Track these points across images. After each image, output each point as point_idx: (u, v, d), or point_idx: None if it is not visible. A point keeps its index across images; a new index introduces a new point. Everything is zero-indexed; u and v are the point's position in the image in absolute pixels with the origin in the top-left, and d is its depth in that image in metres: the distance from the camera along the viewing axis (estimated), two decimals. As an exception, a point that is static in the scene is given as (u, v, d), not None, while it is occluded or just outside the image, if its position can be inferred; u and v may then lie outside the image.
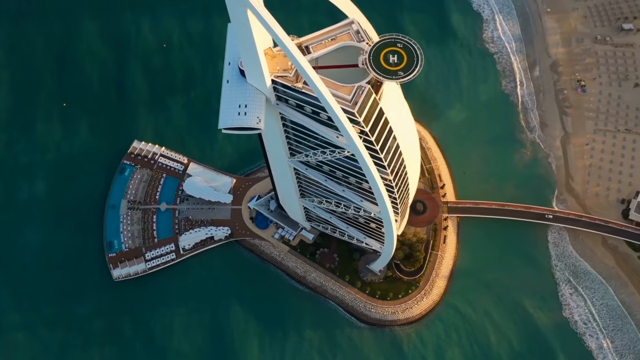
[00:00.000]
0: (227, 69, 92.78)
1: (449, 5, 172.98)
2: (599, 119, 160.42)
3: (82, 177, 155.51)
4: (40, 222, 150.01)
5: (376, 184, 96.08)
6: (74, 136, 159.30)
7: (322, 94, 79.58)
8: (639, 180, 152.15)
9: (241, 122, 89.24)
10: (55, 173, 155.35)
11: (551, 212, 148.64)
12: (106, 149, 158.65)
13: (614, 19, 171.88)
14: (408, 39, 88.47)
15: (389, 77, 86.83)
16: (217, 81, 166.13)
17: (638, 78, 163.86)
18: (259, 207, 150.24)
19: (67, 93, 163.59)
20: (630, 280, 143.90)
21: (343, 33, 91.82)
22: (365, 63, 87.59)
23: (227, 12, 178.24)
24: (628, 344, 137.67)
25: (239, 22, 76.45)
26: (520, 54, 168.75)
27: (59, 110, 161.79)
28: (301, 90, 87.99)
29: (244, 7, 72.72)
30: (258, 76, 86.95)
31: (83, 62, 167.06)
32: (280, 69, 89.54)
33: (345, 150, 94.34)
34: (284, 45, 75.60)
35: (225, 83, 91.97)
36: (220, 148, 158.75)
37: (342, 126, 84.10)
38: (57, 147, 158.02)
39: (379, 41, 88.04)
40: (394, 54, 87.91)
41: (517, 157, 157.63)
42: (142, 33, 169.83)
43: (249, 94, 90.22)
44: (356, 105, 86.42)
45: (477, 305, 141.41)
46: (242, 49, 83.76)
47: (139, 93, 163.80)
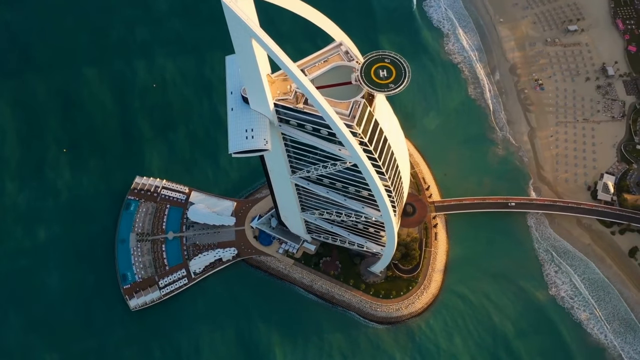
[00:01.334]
0: (230, 98, 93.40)
1: (413, 24, 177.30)
2: (559, 112, 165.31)
3: (90, 216, 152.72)
4: (56, 264, 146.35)
5: (378, 190, 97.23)
6: (79, 179, 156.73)
7: (326, 111, 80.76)
8: (602, 164, 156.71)
9: (250, 145, 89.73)
10: (64, 216, 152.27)
11: (515, 200, 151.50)
12: (110, 188, 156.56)
13: (560, 22, 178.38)
14: (394, 55, 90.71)
15: (381, 90, 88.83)
16: (211, 113, 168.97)
17: (588, 73, 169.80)
18: (261, 225, 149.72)
19: (69, 138, 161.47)
20: (607, 255, 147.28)
21: (333, 54, 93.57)
22: (358, 79, 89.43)
23: (216, 49, 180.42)
24: (612, 311, 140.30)
25: (243, 51, 77.25)
26: (481, 62, 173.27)
27: (62, 155, 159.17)
28: (302, 110, 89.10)
29: (248, 37, 73.58)
30: (262, 101, 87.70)
31: (82, 108, 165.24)
32: (280, 92, 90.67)
33: (347, 162, 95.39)
34: (289, 70, 76.67)
35: (230, 111, 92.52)
36: (219, 175, 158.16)
37: (346, 139, 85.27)
38: (64, 191, 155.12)
39: (369, 58, 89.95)
40: (383, 69, 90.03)
41: (491, 154, 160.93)
42: (136, 75, 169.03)
43: (254, 119, 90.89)
44: (354, 118, 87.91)
45: (475, 291, 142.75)
46: (246, 76, 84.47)
47: (137, 132, 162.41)
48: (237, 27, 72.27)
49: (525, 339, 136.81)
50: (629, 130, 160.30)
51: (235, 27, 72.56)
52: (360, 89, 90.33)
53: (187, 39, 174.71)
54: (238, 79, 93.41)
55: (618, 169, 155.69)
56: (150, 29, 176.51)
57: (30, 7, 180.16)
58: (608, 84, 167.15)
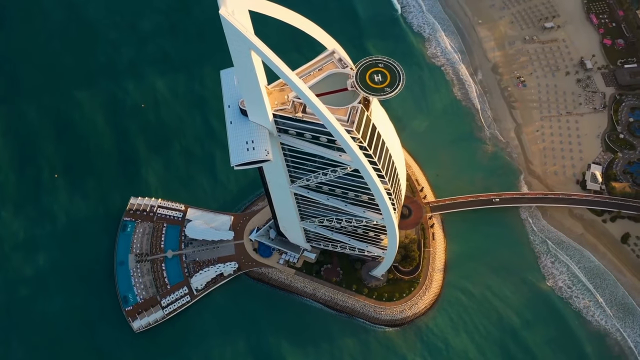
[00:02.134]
0: (228, 111, 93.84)
1: (395, 30, 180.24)
2: (543, 107, 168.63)
3: (87, 240, 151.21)
4: (56, 290, 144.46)
5: (380, 193, 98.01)
6: (74, 203, 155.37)
7: (327, 119, 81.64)
8: (588, 155, 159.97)
9: (252, 157, 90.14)
10: (61, 241, 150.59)
11: (507, 195, 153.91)
12: (106, 210, 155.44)
13: (536, 20, 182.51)
14: (387, 59, 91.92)
15: (377, 94, 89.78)
16: (203, 128, 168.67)
17: (567, 67, 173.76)
18: (260, 237, 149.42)
19: (61, 162, 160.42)
20: (600, 242, 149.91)
21: (327, 63, 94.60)
22: (354, 85, 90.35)
23: (204, 65, 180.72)
24: (611, 297, 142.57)
25: (242, 63, 77.82)
26: (464, 63, 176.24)
27: (55, 180, 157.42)
28: (302, 118, 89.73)
29: (247, 49, 74.18)
30: (261, 112, 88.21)
31: (73, 131, 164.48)
32: (278, 103, 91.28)
33: (347, 167, 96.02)
34: (289, 79, 77.39)
35: (229, 124, 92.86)
36: (214, 190, 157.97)
37: (347, 145, 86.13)
38: (60, 216, 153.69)
39: (363, 64, 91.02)
40: (377, 74, 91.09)
41: (481, 152, 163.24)
42: (125, 96, 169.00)
43: (254, 130, 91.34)
44: (353, 123, 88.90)
45: (476, 286, 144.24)
46: (244, 88, 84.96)
47: (129, 152, 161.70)
48: (236, 39, 72.89)
49: (530, 330, 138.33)
50: (611, 120, 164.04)
51: (234, 39, 73.17)
52: (356, 95, 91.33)
53: (175, 57, 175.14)
54: (235, 92, 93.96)
55: (604, 159, 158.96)
56: (136, 49, 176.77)
57: (16, 32, 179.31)
58: (587, 77, 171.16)
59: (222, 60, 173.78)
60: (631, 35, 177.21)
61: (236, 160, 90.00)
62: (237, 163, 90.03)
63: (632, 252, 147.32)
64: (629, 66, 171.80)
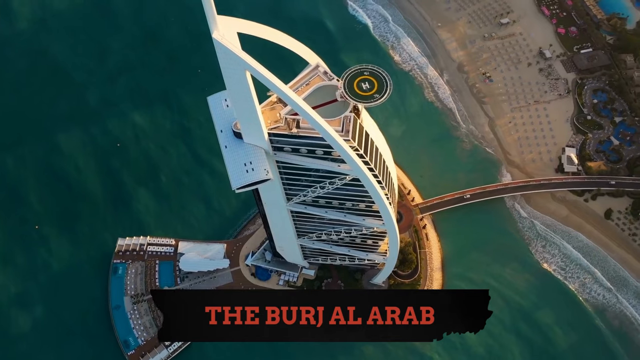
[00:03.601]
0: (221, 137, 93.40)
1: (362, 41, 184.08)
2: (511, 99, 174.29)
3: (78, 289, 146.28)
4: (52, 345, 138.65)
5: (380, 199, 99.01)
6: (59, 253, 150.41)
7: (327, 131, 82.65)
8: (561, 139, 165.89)
9: (252, 178, 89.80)
10: (51, 294, 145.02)
11: (490, 188, 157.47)
12: (93, 255, 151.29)
13: (492, 18, 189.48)
14: (372, 67, 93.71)
15: (367, 101, 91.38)
16: (185, 159, 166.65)
17: (528, 59, 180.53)
18: (256, 261, 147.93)
19: (41, 212, 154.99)
20: (585, 221, 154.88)
21: (314, 77, 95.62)
22: (343, 95, 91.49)
23: (180, 94, 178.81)
24: (604, 271, 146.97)
25: (237, 85, 77.97)
26: (430, 66, 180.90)
27: (36, 232, 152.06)
28: (297, 134, 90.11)
29: (243, 70, 74.38)
30: (257, 132, 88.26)
31: (49, 180, 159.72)
32: (271, 121, 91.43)
33: (346, 177, 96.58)
34: (286, 96, 78.08)
35: (225, 149, 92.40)
36: (203, 220, 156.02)
37: (347, 154, 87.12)
38: (46, 269, 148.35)
39: (349, 74, 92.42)
40: (364, 82, 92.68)
41: (460, 150, 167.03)
42: (98, 137, 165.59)
43: (250, 152, 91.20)
44: (348, 132, 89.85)
45: (475, 279, 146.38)
46: (239, 110, 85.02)
47: (111, 193, 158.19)
48: (230, 61, 73.13)
49: (537, 312, 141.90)
50: (577, 104, 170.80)
51: (228, 61, 73.39)
52: (347, 105, 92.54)
53: (148, 90, 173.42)
54: (226, 116, 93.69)
55: (576, 141, 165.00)
56: (106, 88, 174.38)
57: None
58: (548, 66, 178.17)
59: (198, 87, 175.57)
60: (582, 22, 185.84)
61: (237, 184, 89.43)
62: (238, 186, 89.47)
63: (617, 227, 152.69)
64: (584, 51, 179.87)
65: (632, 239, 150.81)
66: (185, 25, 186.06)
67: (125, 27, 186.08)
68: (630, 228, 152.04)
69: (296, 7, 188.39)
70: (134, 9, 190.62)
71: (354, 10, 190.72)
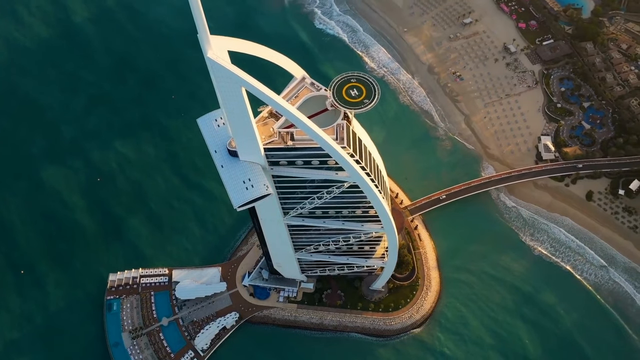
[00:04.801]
0: (216, 157, 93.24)
1: (334, 52, 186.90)
2: (483, 95, 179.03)
3: (73, 330, 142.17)
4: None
5: (379, 202, 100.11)
6: (48, 296, 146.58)
7: (325, 140, 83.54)
8: (535, 128, 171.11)
9: (253, 195, 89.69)
10: (45, 339, 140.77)
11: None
12: (85, 295, 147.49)
13: (455, 19, 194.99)
14: (358, 73, 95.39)
15: (357, 107, 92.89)
16: (170, 185, 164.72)
17: (494, 55, 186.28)
18: (254, 281, 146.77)
19: (26, 257, 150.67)
20: (568, 205, 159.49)
21: (302, 89, 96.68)
22: (334, 104, 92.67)
23: (159, 121, 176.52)
24: (593, 250, 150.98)
25: (232, 102, 78.18)
26: (402, 70, 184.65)
27: (22, 277, 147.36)
28: (293, 147, 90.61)
29: (239, 86, 74.67)
30: (253, 149, 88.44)
31: (32, 222, 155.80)
32: (265, 137, 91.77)
33: (345, 184, 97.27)
34: (284, 109, 78.75)
35: (221, 169, 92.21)
36: (195, 245, 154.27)
37: (345, 162, 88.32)
38: (38, 314, 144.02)
39: (336, 82, 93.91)
40: (352, 89, 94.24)
41: (440, 149, 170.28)
42: (81, 173, 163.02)
43: (247, 169, 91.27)
44: (343, 140, 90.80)
45: (471, 273, 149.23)
46: (235, 127, 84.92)
47: (97, 229, 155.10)
48: (226, 79, 73.42)
49: (536, 297, 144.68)
50: (546, 93, 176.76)
51: (224, 80, 73.65)
52: (337, 113, 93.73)
53: (124, 120, 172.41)
54: (218, 136, 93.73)
55: (550, 129, 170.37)
56: (80, 121, 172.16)
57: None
58: (514, 60, 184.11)
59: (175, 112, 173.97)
60: (540, 15, 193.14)
61: (238, 202, 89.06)
62: (239, 204, 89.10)
63: (599, 207, 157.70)
64: (546, 43, 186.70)
65: (614, 218, 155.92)
66: (155, 53, 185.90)
67: (95, 59, 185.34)
68: (611, 207, 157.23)
69: (267, 24, 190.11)
70: (102, 40, 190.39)
71: (321, 23, 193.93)
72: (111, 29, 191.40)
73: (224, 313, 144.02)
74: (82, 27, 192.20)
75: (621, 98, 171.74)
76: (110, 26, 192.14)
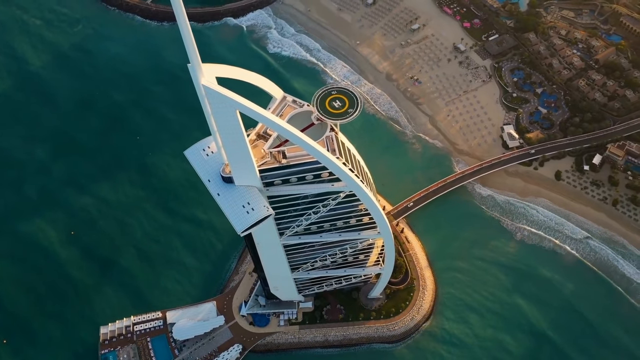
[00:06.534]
0: (210, 186, 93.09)
1: (294, 72, 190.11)
2: (443, 95, 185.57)
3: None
4: None
5: (375, 206, 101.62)
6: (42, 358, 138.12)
7: (323, 154, 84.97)
8: (496, 120, 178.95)
9: (255, 218, 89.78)
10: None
11: (450, 179, 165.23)
12: (76, 354, 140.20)
13: (403, 26, 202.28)
14: (337, 85, 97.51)
15: (343, 117, 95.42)
16: (152, 224, 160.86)
17: (446, 55, 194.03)
18: (251, 309, 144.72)
19: (9, 322, 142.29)
20: (541, 187, 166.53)
21: (285, 107, 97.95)
22: (319, 118, 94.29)
23: (128, 166, 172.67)
24: (572, 226, 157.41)
25: (228, 126, 78.48)
26: (362, 81, 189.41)
27: (5, 347, 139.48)
28: (286, 164, 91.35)
29: (234, 110, 75.11)
30: (249, 172, 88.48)
31: (9, 285, 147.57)
32: (257, 159, 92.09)
33: (341, 194, 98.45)
34: (281, 127, 79.51)
35: (218, 197, 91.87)
36: (185, 283, 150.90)
37: (342, 172, 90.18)
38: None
39: (318, 96, 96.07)
40: (335, 100, 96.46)
41: (411, 152, 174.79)
42: (53, 227, 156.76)
43: (244, 193, 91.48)
44: (335, 151, 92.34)
45: (463, 265, 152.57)
46: (231, 151, 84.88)
47: (81, 282, 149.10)
48: (221, 104, 73.87)
49: (529, 277, 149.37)
50: (500, 85, 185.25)
51: (219, 104, 74.11)
52: (324, 126, 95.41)
53: (89, 168, 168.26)
54: (209, 165, 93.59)
55: (510, 118, 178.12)
56: (44, 176, 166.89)
57: None
58: (466, 58, 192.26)
59: (141, 153, 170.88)
60: (482, 13, 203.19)
61: (241, 227, 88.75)
62: (243, 229, 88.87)
63: (569, 185, 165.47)
64: (492, 38, 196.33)
65: (584, 192, 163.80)
66: (117, 92, 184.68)
67: (56, 105, 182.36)
68: (580, 183, 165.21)
69: (228, 53, 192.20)
70: (60, 85, 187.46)
71: (278, 45, 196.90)
72: (68, 73, 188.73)
73: (226, 347, 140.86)
74: (39, 75, 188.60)
75: (570, 80, 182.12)
76: (67, 71, 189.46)
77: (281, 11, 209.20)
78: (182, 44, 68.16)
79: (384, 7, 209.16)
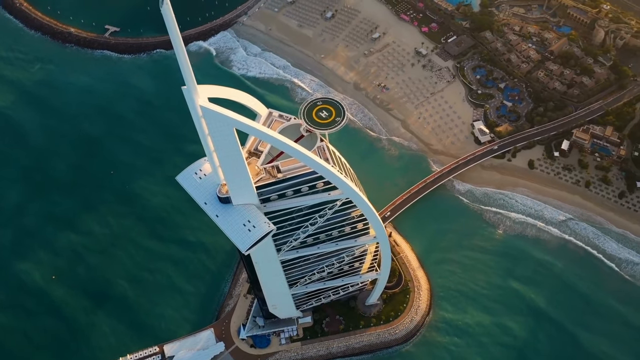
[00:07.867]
0: (208, 208, 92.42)
1: (266, 88, 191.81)
2: (411, 99, 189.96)
3: None
4: None
5: (372, 212, 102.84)
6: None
7: (321, 164, 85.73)
8: (466, 117, 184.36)
9: (257, 235, 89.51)
10: None
11: (430, 179, 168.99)
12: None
13: (364, 36, 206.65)
14: (322, 96, 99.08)
15: (331, 127, 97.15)
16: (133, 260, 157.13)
17: (409, 60, 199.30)
18: (251, 331, 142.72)
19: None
20: (516, 177, 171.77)
21: (272, 122, 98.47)
22: (308, 129, 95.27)
23: (104, 201, 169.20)
24: (551, 211, 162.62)
25: (225, 145, 78.31)
26: (332, 93, 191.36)
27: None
28: (282, 179, 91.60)
29: (231, 127, 75.12)
30: (247, 190, 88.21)
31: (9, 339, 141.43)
32: (253, 175, 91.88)
33: (338, 202, 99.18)
34: (280, 142, 79.96)
35: (217, 218, 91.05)
36: (179, 312, 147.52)
37: (339, 180, 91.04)
38: None
39: (304, 107, 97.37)
40: (321, 111, 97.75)
41: (388, 157, 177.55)
42: (32, 274, 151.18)
43: (243, 211, 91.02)
44: (328, 160, 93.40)
45: (454, 262, 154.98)
46: (228, 170, 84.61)
47: (71, 324, 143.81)
48: (218, 123, 73.82)
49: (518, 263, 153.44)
50: (465, 84, 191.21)
51: (216, 124, 74.06)
52: (314, 137, 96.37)
53: (64, 209, 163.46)
54: (203, 188, 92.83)
55: (478, 114, 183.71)
56: (14, 224, 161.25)
57: None
58: (428, 61, 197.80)
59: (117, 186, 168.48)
60: (437, 17, 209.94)
61: (245, 246, 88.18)
62: (247, 247, 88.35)
63: (543, 172, 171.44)
64: (451, 40, 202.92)
65: (558, 178, 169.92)
66: (87, 124, 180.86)
67: (25, 144, 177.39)
68: (552, 169, 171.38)
69: (203, 78, 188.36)
70: (25, 124, 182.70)
71: (242, 67, 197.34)
72: (36, 110, 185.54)
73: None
74: (4, 114, 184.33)
75: (529, 73, 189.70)
76: (33, 108, 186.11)
77: (243, 32, 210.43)
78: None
79: (343, 20, 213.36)
